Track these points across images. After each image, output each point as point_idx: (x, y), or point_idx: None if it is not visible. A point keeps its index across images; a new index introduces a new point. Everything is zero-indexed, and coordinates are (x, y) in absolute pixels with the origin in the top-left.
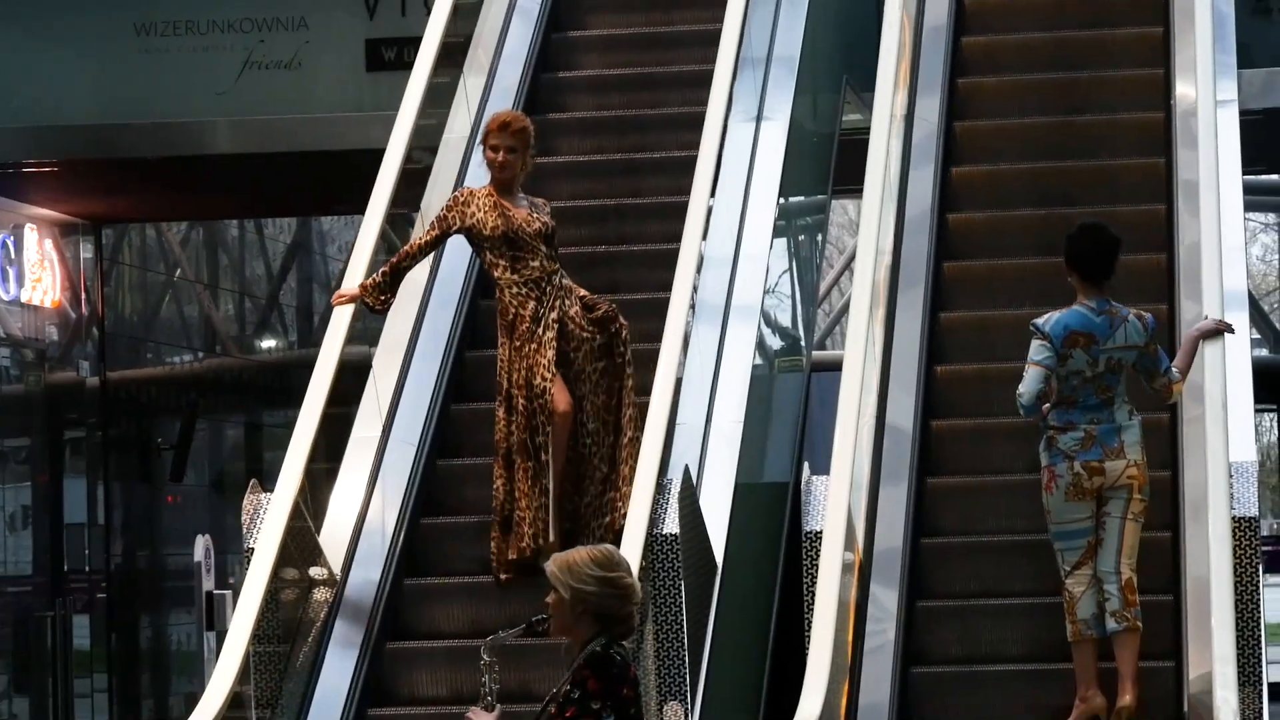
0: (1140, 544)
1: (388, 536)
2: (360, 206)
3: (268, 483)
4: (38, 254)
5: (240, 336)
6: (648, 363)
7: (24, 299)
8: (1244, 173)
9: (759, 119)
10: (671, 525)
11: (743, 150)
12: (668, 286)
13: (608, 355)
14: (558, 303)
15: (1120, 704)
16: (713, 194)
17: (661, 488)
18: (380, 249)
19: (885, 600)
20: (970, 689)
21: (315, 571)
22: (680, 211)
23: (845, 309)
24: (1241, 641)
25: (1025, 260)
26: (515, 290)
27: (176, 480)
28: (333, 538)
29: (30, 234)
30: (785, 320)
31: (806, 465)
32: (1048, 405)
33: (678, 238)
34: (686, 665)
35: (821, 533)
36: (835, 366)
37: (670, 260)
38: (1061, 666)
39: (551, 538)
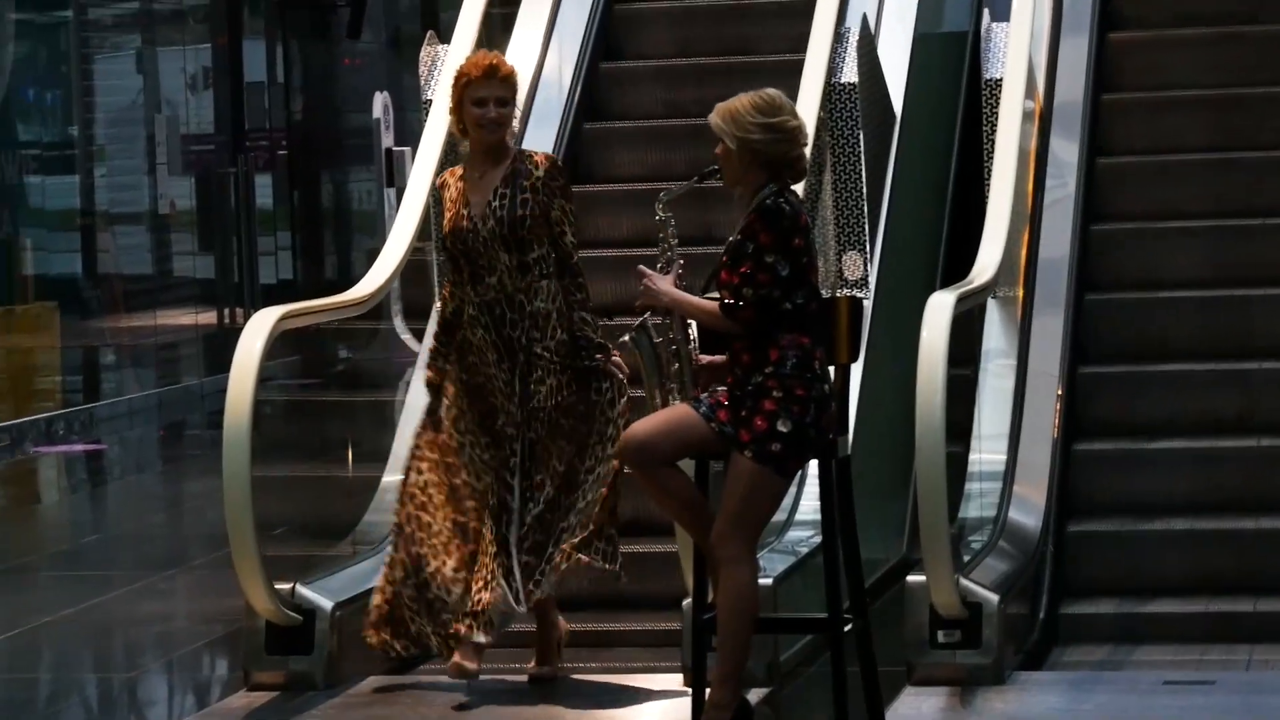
0: None
1: (564, 88)
2: None
3: (444, 37)
4: None
5: None
6: None
7: None
8: None
9: None
10: (850, 74)
11: None
12: None
13: (583, 389)
14: (519, 334)
15: None
16: None
17: (839, 36)
18: None
19: (1065, 154)
20: (1147, 243)
21: None
22: None
23: None
24: None
25: None
26: (470, 312)
27: (354, 37)
28: None
29: None
30: None
31: (987, 12)
32: None
33: None
34: (865, 215)
35: (1002, 80)
36: None
37: None
38: None
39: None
